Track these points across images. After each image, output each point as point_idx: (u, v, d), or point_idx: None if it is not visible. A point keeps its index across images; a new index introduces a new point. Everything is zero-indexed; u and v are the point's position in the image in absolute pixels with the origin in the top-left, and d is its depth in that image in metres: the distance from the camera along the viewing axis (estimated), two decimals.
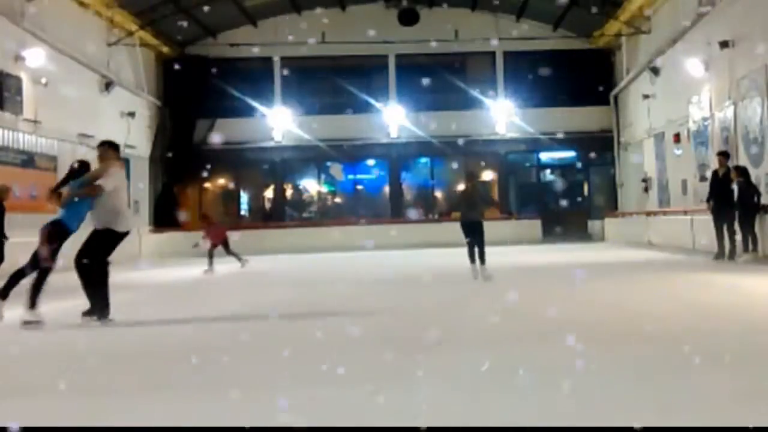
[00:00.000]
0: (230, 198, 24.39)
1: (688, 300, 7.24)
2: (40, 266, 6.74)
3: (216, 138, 21.11)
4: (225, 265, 13.41)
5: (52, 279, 6.93)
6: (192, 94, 21.67)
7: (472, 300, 7.93)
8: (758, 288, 8.17)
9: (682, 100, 16.64)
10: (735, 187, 11.85)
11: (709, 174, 14.94)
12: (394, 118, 22.82)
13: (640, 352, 4.52)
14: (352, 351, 4.90)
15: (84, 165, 7.41)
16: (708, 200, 12.26)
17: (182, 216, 21.35)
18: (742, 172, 11.99)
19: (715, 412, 3.17)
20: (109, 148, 7.29)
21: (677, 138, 17.37)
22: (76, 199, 6.92)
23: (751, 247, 11.46)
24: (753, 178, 12.34)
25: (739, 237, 11.68)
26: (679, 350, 4.55)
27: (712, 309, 6.42)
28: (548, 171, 24.69)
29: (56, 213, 7.36)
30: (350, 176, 24.22)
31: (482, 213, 10.26)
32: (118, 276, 12.80)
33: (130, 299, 9.11)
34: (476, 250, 9.96)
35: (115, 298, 6.92)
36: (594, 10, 19.69)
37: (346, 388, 3.85)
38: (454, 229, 11.01)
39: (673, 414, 3.12)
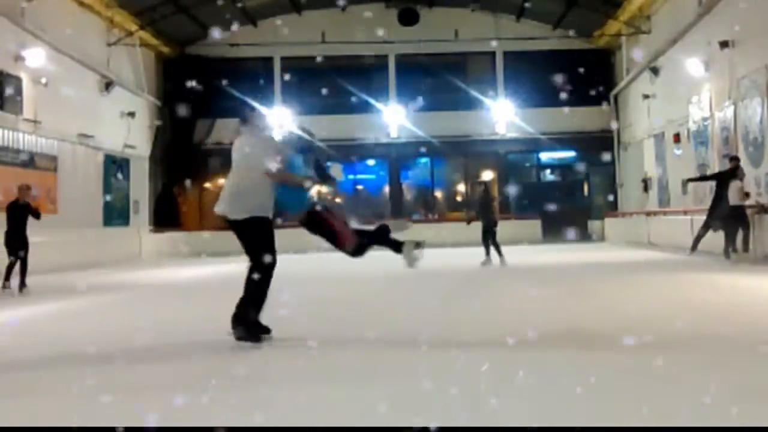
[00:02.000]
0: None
1: (687, 300, 7.24)
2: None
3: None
4: (226, 266, 13.38)
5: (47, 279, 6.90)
6: (192, 94, 21.66)
7: (469, 300, 7.93)
8: (759, 288, 8.17)
9: (682, 100, 16.64)
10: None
11: (709, 174, 14.96)
12: (394, 118, 22.81)
13: (640, 352, 4.52)
14: (349, 350, 4.90)
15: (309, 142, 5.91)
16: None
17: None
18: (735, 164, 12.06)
19: (715, 412, 3.17)
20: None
21: (677, 138, 17.37)
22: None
23: (741, 247, 11.43)
24: (753, 178, 12.32)
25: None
26: (679, 350, 4.55)
27: (713, 309, 6.42)
28: (548, 171, 24.69)
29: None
30: (350, 176, 24.22)
31: (497, 214, 13.19)
32: (118, 276, 12.83)
33: (133, 299, 9.11)
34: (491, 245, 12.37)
35: (117, 297, 6.89)
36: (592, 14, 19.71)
37: (345, 387, 3.85)
38: (453, 230, 11.28)
39: (672, 414, 3.12)
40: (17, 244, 10.03)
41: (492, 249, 12.34)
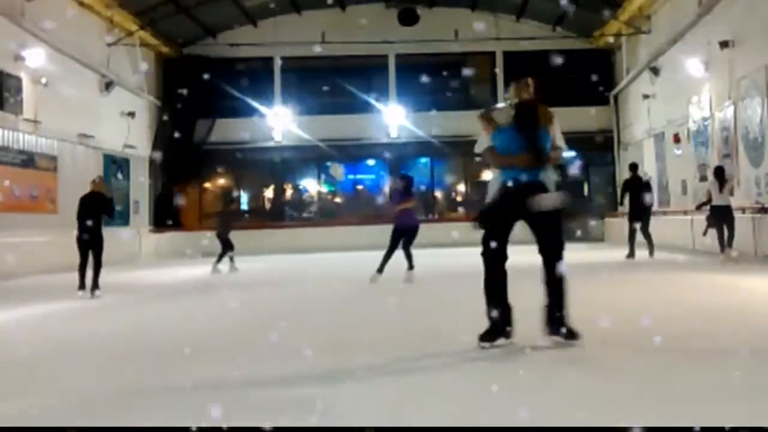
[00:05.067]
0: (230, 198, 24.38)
1: (687, 300, 7.24)
2: None
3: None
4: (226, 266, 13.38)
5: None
6: (192, 94, 21.66)
7: (466, 301, 7.91)
8: (758, 287, 8.17)
9: (682, 100, 16.63)
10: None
11: (709, 174, 14.97)
12: (394, 118, 22.81)
13: (639, 353, 4.52)
14: (346, 350, 4.90)
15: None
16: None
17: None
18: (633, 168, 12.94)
19: (715, 412, 3.17)
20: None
21: (677, 138, 17.36)
22: None
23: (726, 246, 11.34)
24: (753, 178, 12.30)
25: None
26: (678, 350, 4.55)
27: (712, 309, 6.42)
28: None
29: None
30: (350, 176, 24.23)
31: None
32: (118, 277, 12.81)
33: (135, 299, 9.11)
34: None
35: (118, 298, 6.89)
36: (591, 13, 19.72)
37: (344, 387, 3.85)
38: (454, 229, 11.31)
39: (672, 414, 3.12)
40: (92, 242, 9.25)
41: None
